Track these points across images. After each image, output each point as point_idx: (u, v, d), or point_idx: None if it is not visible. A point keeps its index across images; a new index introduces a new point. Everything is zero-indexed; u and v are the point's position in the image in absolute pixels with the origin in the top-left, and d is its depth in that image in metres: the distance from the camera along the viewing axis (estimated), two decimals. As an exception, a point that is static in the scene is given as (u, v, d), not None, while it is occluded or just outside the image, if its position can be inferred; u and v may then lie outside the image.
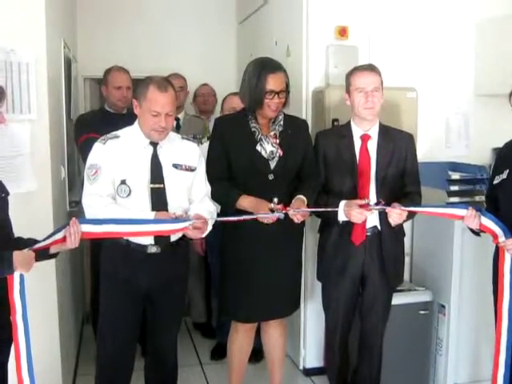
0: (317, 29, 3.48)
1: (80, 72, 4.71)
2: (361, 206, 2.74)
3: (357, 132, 2.93)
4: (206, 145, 3.47)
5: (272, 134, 2.89)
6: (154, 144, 2.62)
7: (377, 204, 2.75)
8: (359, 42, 3.53)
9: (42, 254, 2.38)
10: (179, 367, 2.93)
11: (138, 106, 2.60)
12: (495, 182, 2.82)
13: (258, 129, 2.87)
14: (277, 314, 3.04)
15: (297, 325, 3.71)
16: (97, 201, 2.55)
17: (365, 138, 2.92)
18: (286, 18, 3.85)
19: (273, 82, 2.77)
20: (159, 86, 2.52)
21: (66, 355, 3.29)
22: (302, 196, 2.80)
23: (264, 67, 2.80)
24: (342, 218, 2.83)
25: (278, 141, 2.87)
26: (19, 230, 2.37)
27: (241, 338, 3.06)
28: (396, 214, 2.71)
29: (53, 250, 2.44)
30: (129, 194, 2.57)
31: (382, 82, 2.87)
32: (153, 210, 2.57)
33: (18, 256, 2.18)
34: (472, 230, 2.78)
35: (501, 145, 2.95)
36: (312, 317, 3.63)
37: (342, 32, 3.47)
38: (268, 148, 2.85)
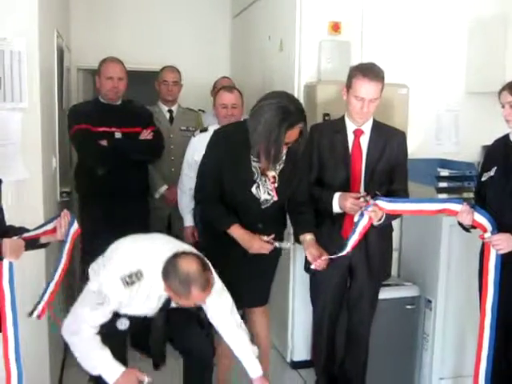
0: (310, 24, 3.49)
1: (73, 62, 4.71)
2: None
3: (350, 127, 2.95)
4: (198, 137, 3.50)
5: (271, 175, 2.79)
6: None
7: (374, 196, 2.72)
8: (352, 37, 3.54)
9: (32, 244, 2.39)
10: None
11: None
12: (483, 179, 2.86)
13: (257, 169, 2.76)
14: (258, 302, 3.06)
15: (284, 318, 3.74)
16: (86, 330, 2.44)
17: (357, 133, 2.94)
18: (279, 12, 3.86)
19: (293, 136, 2.63)
20: (202, 287, 2.39)
21: (55, 346, 3.29)
22: (312, 237, 2.82)
23: (284, 121, 2.55)
24: (336, 209, 2.85)
25: (276, 185, 2.80)
26: (8, 218, 2.37)
27: None
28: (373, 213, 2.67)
29: (43, 240, 2.45)
30: (127, 328, 2.59)
31: (382, 87, 2.83)
32: None
33: (7, 243, 2.18)
34: (462, 226, 2.80)
35: (490, 142, 2.97)
36: (300, 310, 3.66)
37: (335, 27, 3.48)
38: (263, 196, 2.79)
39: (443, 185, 3.41)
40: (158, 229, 4.21)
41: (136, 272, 2.42)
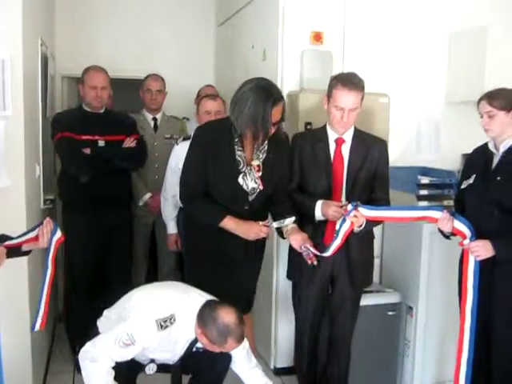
0: (292, 34, 3.53)
1: (58, 70, 4.71)
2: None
3: (332, 136, 2.98)
4: (181, 145, 3.52)
5: (255, 164, 2.82)
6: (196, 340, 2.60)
7: (355, 206, 2.74)
8: (334, 47, 3.58)
9: (15, 251, 2.40)
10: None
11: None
12: (463, 186, 2.91)
13: (242, 158, 2.79)
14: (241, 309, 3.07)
15: (268, 325, 3.75)
16: (105, 361, 2.45)
17: (339, 142, 2.97)
18: (262, 22, 3.89)
19: (277, 114, 2.68)
20: (238, 339, 2.50)
21: (38, 353, 3.28)
22: (295, 225, 2.85)
23: (268, 100, 2.61)
24: (318, 217, 2.89)
25: (260, 173, 2.83)
26: (-9, 225, 2.38)
27: None
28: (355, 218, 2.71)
29: (25, 248, 2.46)
30: (154, 372, 2.67)
31: (362, 97, 2.86)
32: None
33: None
34: (443, 233, 2.85)
35: (470, 151, 3.03)
36: (283, 317, 3.67)
37: (317, 37, 3.52)
38: (250, 184, 2.81)
39: (424, 192, 3.46)
40: (142, 237, 4.25)
41: (170, 317, 2.49)
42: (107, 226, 3.70)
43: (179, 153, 3.42)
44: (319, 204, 2.88)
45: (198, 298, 2.61)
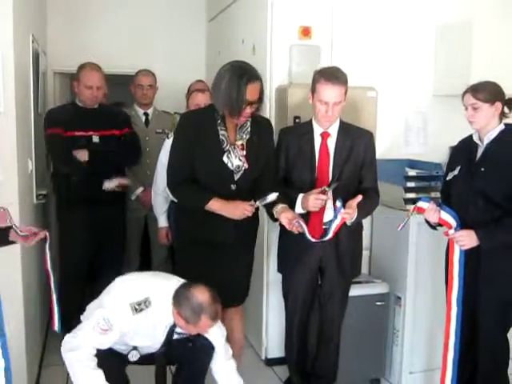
0: (281, 28, 3.57)
1: (50, 66, 4.73)
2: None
3: (317, 130, 3.02)
4: (171, 139, 3.53)
5: (239, 143, 2.86)
6: (175, 325, 2.64)
7: (334, 209, 2.81)
8: (322, 42, 3.62)
9: (2, 239, 2.44)
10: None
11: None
12: (448, 178, 2.97)
13: (226, 137, 2.84)
14: (232, 301, 3.10)
15: (259, 315, 3.80)
16: (86, 349, 2.50)
17: (324, 136, 3.01)
18: (251, 17, 3.93)
19: (253, 93, 2.73)
20: (212, 317, 2.54)
21: (32, 346, 3.32)
22: (285, 205, 2.87)
23: (242, 77, 2.70)
24: (298, 210, 2.92)
25: (244, 152, 2.86)
26: (-17, 220, 2.41)
27: None
28: (347, 215, 2.79)
29: (11, 238, 2.50)
30: (138, 359, 2.71)
31: (346, 90, 2.89)
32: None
33: None
34: (429, 224, 2.90)
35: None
36: (274, 308, 3.72)
37: (305, 32, 3.56)
38: (235, 162, 2.84)
39: (411, 184, 3.49)
40: (135, 230, 4.29)
41: (144, 300, 2.53)
42: (102, 221, 3.74)
43: (169, 147, 3.46)
44: (299, 199, 2.91)
45: (175, 282, 2.66)
